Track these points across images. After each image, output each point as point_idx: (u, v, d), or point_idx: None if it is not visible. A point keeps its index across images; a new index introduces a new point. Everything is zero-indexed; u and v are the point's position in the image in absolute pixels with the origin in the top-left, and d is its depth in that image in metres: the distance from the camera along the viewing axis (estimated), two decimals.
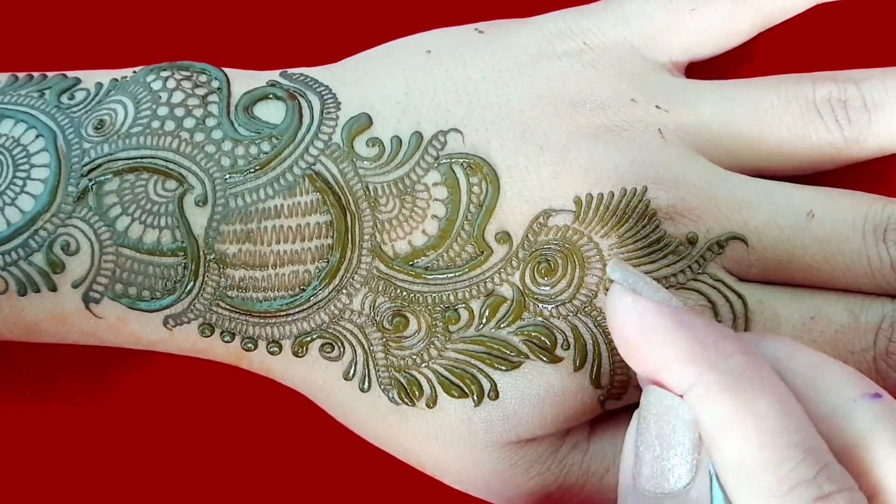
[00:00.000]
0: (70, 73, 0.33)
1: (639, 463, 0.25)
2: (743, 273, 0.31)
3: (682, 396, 0.25)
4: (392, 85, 0.32)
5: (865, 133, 0.32)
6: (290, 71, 0.33)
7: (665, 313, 0.25)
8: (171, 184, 0.31)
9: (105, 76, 0.32)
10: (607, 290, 0.30)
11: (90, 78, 0.32)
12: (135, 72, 0.32)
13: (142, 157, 0.31)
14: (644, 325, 0.25)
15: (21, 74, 0.33)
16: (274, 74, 0.33)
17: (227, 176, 0.31)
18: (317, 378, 0.31)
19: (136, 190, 0.30)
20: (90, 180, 0.30)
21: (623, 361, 0.30)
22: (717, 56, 0.35)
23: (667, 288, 0.30)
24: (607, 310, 0.26)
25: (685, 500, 0.25)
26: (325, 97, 0.32)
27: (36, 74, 0.33)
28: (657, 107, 0.32)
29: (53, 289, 0.30)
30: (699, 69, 0.35)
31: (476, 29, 0.34)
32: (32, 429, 0.35)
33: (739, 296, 0.30)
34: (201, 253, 0.30)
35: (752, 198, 0.31)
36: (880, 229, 0.31)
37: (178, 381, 0.35)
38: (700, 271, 0.30)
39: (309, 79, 0.32)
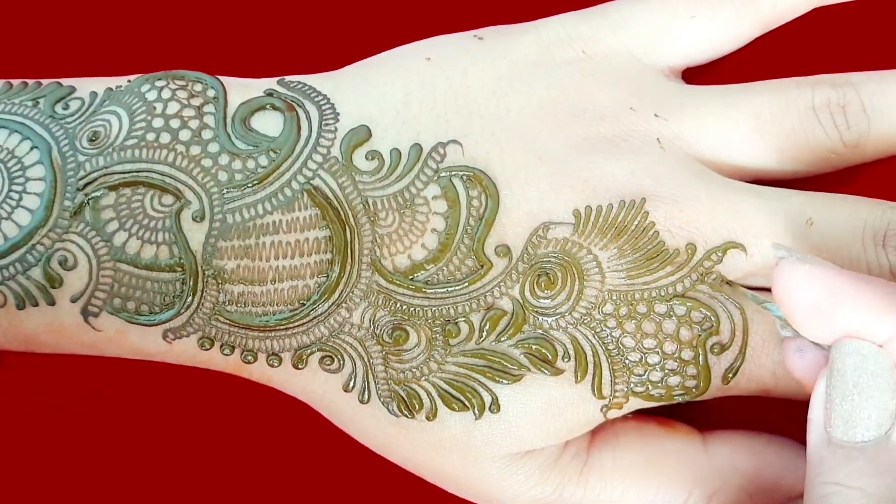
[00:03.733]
0: (65, 81, 0.32)
1: (833, 415, 0.25)
2: (742, 281, 0.31)
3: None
4: (391, 94, 0.32)
5: (864, 137, 0.32)
6: (287, 79, 0.33)
7: (850, 274, 0.25)
8: (168, 199, 0.30)
9: (100, 85, 0.32)
10: (606, 301, 0.30)
11: (85, 87, 0.32)
12: (129, 81, 0.32)
13: (137, 171, 0.30)
14: (830, 286, 0.25)
15: (15, 82, 0.32)
16: (271, 82, 0.33)
17: (225, 191, 0.30)
18: (316, 389, 0.31)
19: (133, 205, 0.30)
20: (86, 195, 0.30)
21: (624, 370, 0.30)
22: (716, 60, 0.35)
23: (665, 298, 0.30)
24: (777, 283, 0.26)
25: (887, 445, 0.25)
26: (324, 107, 0.32)
27: (31, 82, 0.32)
28: (656, 115, 0.32)
29: (52, 303, 0.30)
30: (697, 72, 0.35)
31: (475, 35, 0.33)
32: (33, 428, 0.35)
33: (738, 305, 0.30)
34: (199, 268, 0.30)
35: (750, 206, 0.31)
36: (879, 235, 0.31)
37: (179, 383, 0.35)
38: (699, 281, 0.30)
39: (307, 87, 0.32)
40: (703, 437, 0.32)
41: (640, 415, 0.33)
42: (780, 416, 0.33)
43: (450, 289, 0.30)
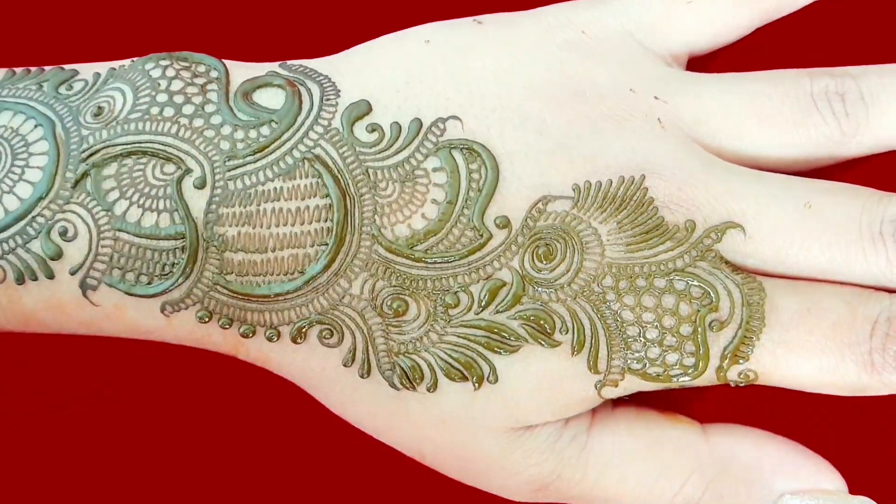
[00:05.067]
0: (67, 66, 0.33)
1: None
2: (740, 262, 0.31)
3: None
4: (391, 75, 0.32)
5: (863, 127, 0.32)
6: (289, 62, 0.33)
7: None
8: (170, 167, 0.31)
9: (103, 67, 0.33)
10: (606, 274, 0.30)
11: (88, 69, 0.33)
12: (133, 61, 0.33)
13: (140, 142, 0.31)
14: None
15: (18, 69, 0.33)
16: (273, 66, 0.33)
17: (227, 159, 0.31)
18: (315, 365, 0.31)
19: (135, 174, 0.31)
20: (88, 166, 0.30)
21: (621, 345, 0.30)
22: (717, 51, 0.35)
23: (665, 273, 0.30)
24: None
25: None
26: (325, 85, 0.32)
27: (33, 69, 0.33)
28: (656, 97, 0.32)
29: (51, 276, 0.30)
30: (699, 62, 0.35)
31: (475, 20, 0.34)
32: (33, 428, 0.35)
33: (737, 284, 0.30)
34: (200, 236, 0.30)
35: (750, 188, 0.31)
36: (876, 222, 0.31)
37: (179, 383, 0.35)
38: (698, 258, 0.30)
39: (308, 69, 0.33)
40: (704, 427, 0.32)
41: (641, 402, 0.33)
42: (777, 415, 0.34)
43: (449, 259, 0.30)
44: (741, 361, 0.31)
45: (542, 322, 0.30)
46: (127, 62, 0.33)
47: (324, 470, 0.35)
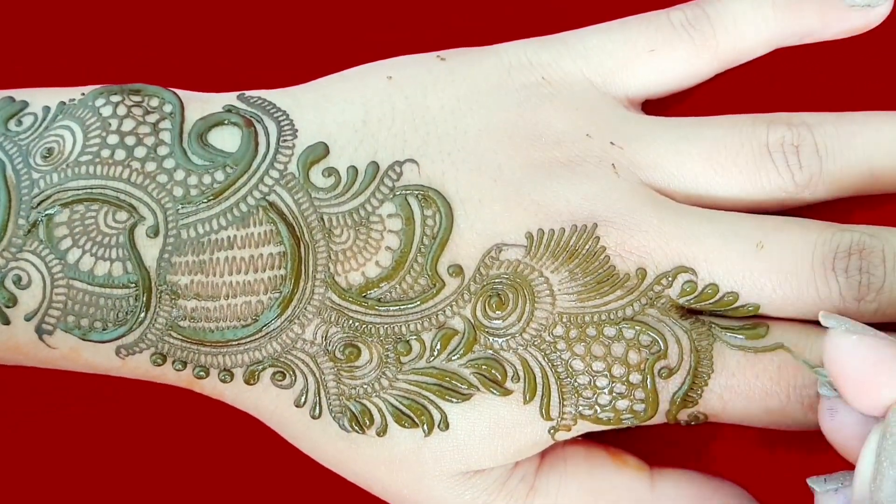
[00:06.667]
0: (18, 95, 0.32)
1: (879, 478, 0.25)
2: (693, 304, 0.31)
3: None
4: (350, 111, 0.32)
5: (816, 179, 0.32)
6: (247, 94, 0.33)
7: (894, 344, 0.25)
8: (122, 215, 0.31)
9: (53, 98, 0.32)
10: (556, 324, 0.31)
11: (37, 100, 0.32)
12: (83, 94, 0.32)
13: (91, 188, 0.31)
14: (877, 358, 0.25)
15: None
16: (231, 97, 0.33)
17: (180, 206, 0.31)
18: (268, 404, 0.32)
19: (87, 221, 0.30)
20: (40, 213, 0.30)
21: (572, 393, 0.31)
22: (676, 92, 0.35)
23: (615, 322, 0.31)
24: (827, 355, 0.26)
25: None
26: (283, 123, 0.32)
27: None
28: (612, 143, 0.32)
29: (7, 322, 0.30)
30: (657, 104, 0.35)
31: (438, 56, 0.34)
32: (33, 428, 0.35)
33: (685, 330, 0.31)
34: (153, 285, 0.30)
35: (702, 230, 0.31)
36: (829, 258, 0.31)
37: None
38: (648, 305, 0.31)
39: (266, 103, 0.32)
40: (652, 473, 0.33)
41: (591, 441, 0.33)
42: (728, 445, 0.34)
43: (402, 307, 0.31)
44: (690, 406, 0.31)
45: (493, 371, 0.31)
46: (77, 94, 0.32)
47: (324, 468, 0.35)
